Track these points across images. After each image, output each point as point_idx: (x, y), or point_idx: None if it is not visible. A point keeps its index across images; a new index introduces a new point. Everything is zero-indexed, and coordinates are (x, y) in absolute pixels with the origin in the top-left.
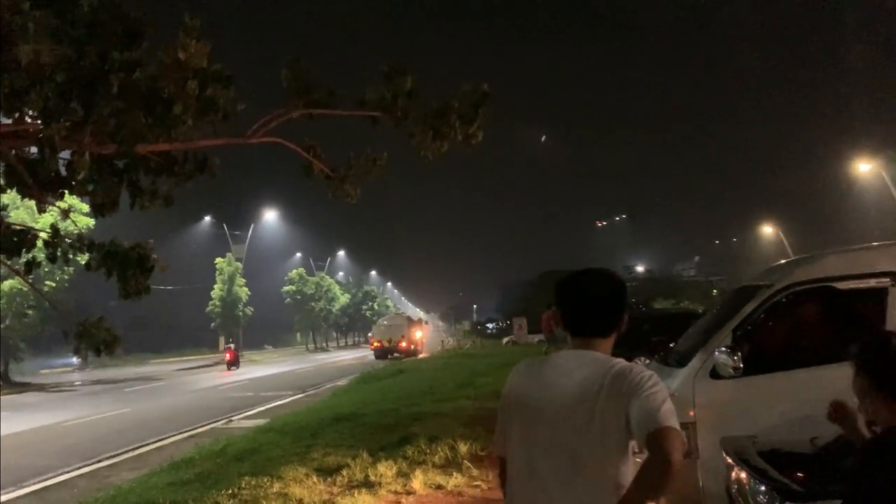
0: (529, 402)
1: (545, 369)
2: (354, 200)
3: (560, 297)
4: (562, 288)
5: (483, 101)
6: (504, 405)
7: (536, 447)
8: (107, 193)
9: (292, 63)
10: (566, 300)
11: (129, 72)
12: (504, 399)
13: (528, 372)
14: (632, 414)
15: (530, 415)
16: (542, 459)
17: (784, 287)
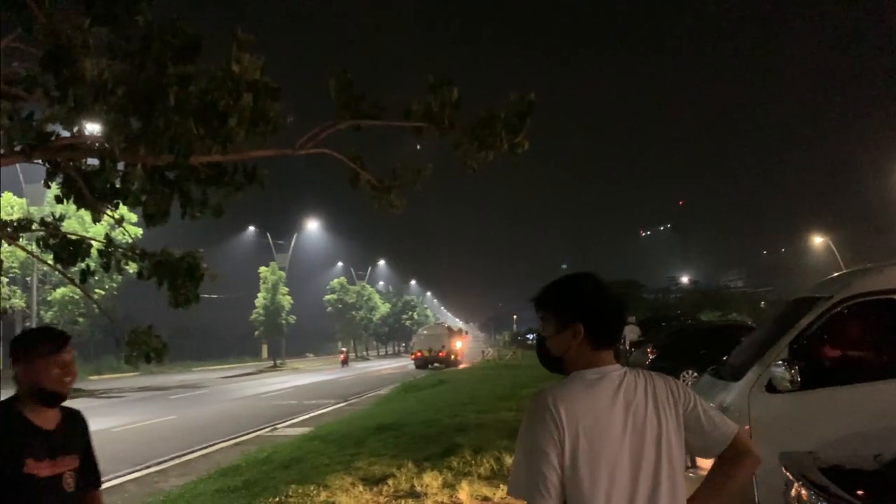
0: (605, 430)
1: (621, 389)
2: (400, 210)
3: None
4: (598, 297)
5: (529, 111)
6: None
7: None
8: (159, 204)
9: (340, 75)
10: (601, 311)
11: (184, 85)
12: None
13: (599, 394)
14: (703, 420)
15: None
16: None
17: (844, 299)
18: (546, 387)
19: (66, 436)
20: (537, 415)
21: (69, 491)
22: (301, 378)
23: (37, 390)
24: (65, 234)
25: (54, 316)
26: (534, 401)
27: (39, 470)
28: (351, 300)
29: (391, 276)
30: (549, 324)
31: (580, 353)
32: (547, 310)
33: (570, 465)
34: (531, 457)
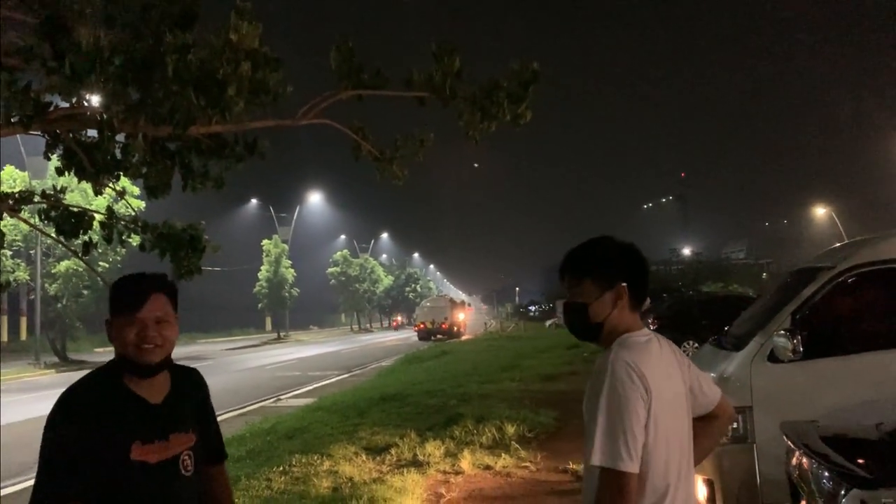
0: (670, 395)
1: (663, 352)
2: (402, 181)
3: (636, 265)
4: (636, 255)
5: (533, 80)
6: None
7: (679, 449)
8: (160, 176)
9: (340, 45)
10: (641, 269)
11: (182, 54)
12: (647, 395)
13: (659, 358)
14: (700, 382)
15: (673, 410)
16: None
17: (848, 269)
18: (616, 351)
19: (178, 407)
20: (624, 376)
21: (187, 474)
22: (305, 350)
23: (119, 359)
24: (66, 206)
25: (58, 289)
26: (614, 363)
27: (149, 455)
28: (354, 273)
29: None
30: (587, 288)
31: (621, 316)
32: (585, 274)
33: (651, 427)
34: (619, 419)
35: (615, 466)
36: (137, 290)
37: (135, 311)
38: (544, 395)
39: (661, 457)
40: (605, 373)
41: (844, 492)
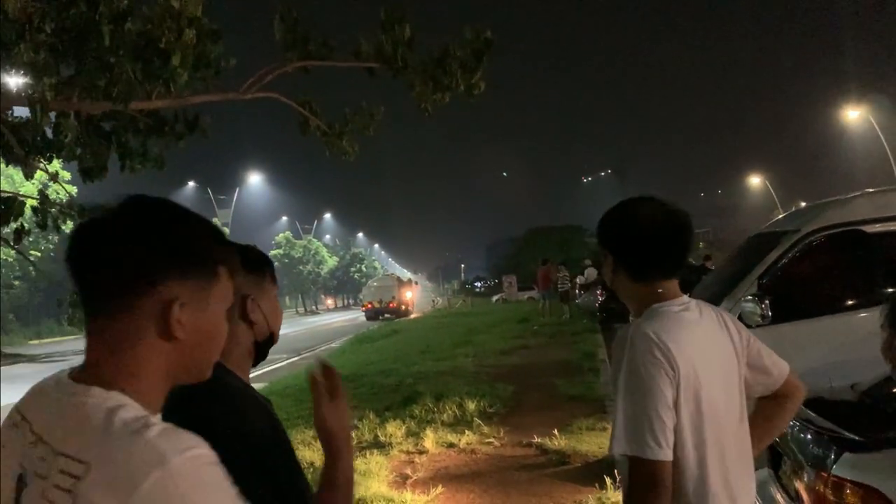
0: (710, 370)
1: (704, 322)
2: (352, 157)
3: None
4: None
5: (486, 49)
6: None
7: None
8: (95, 156)
9: (284, 14)
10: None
11: (119, 22)
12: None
13: (695, 328)
14: (763, 357)
15: (716, 388)
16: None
17: (811, 231)
18: (637, 321)
19: None
20: (644, 350)
21: None
22: None
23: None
24: None
25: None
26: (634, 336)
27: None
28: (297, 255)
29: (338, 230)
30: (608, 263)
31: (629, 289)
32: (604, 247)
33: (683, 407)
34: (642, 400)
35: (642, 455)
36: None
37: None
38: (500, 370)
39: (700, 442)
40: (625, 348)
41: (835, 456)
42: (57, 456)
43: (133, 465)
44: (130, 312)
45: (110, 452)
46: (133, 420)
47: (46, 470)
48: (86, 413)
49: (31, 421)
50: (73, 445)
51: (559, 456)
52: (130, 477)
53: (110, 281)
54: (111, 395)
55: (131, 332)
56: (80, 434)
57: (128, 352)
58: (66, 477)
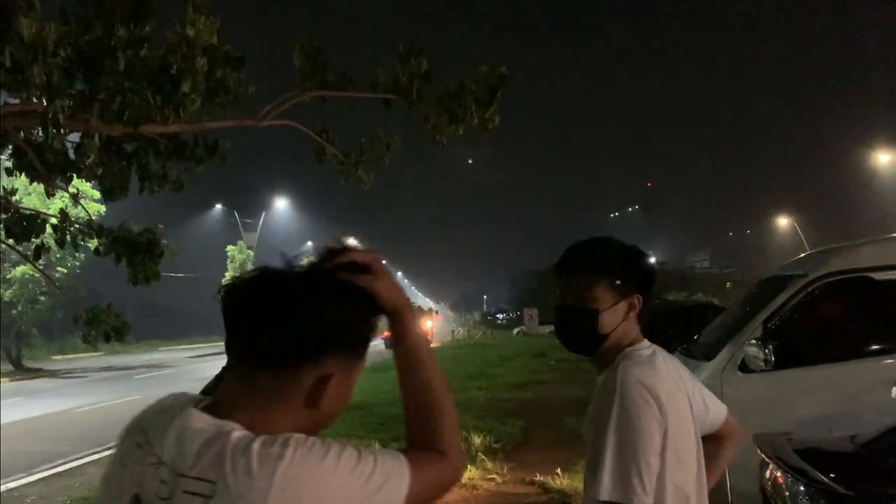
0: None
1: (668, 366)
2: (368, 186)
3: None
4: (649, 262)
5: (500, 84)
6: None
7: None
8: (116, 177)
9: (304, 44)
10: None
11: (135, 48)
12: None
13: (667, 373)
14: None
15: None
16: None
17: (818, 277)
18: (620, 367)
19: None
20: (637, 398)
21: None
22: None
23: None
24: (17, 208)
25: (14, 294)
26: (625, 383)
27: None
28: None
29: None
30: (602, 293)
31: (628, 329)
32: (601, 276)
33: (667, 453)
34: (633, 447)
35: (628, 502)
36: None
37: None
38: (511, 404)
39: (677, 484)
40: (615, 393)
41: None
42: (180, 478)
43: (258, 474)
44: (289, 377)
45: (235, 468)
46: (241, 438)
47: (168, 492)
48: (209, 439)
49: (153, 444)
50: (199, 468)
51: (560, 496)
52: (261, 483)
53: (286, 346)
54: (228, 423)
55: (282, 393)
56: (204, 457)
57: (270, 407)
58: (194, 497)
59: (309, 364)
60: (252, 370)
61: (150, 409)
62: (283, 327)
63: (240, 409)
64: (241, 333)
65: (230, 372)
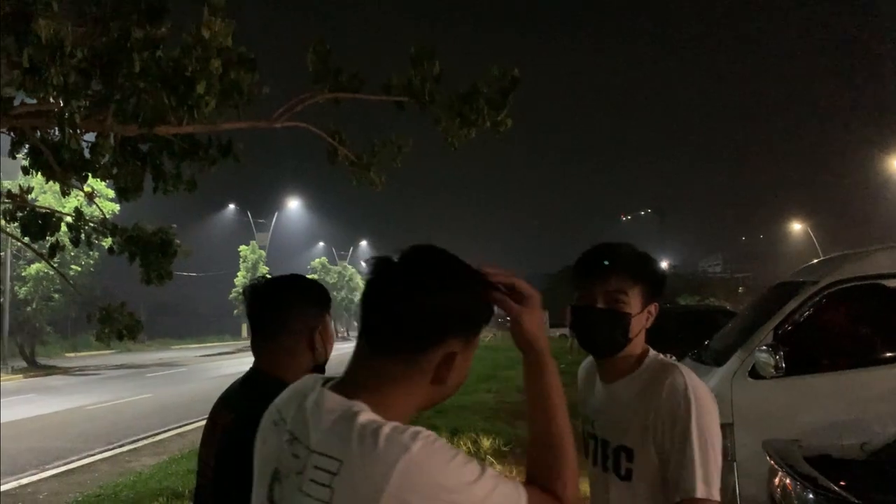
0: None
1: None
2: (380, 188)
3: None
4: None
5: (513, 87)
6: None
7: None
8: (130, 177)
9: (317, 46)
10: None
11: (151, 50)
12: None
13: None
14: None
15: None
16: None
17: (831, 284)
18: (679, 374)
19: None
20: (710, 403)
21: None
22: None
23: (322, 364)
24: (33, 206)
25: (28, 292)
26: (697, 389)
27: None
28: (332, 281)
29: None
30: (636, 297)
31: (643, 333)
32: (639, 280)
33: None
34: (713, 448)
35: (712, 497)
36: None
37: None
38: (521, 407)
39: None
40: (688, 399)
41: None
42: (311, 454)
43: (382, 458)
44: (416, 359)
45: (361, 449)
46: (370, 421)
47: (301, 466)
48: (338, 419)
49: (287, 421)
50: (327, 445)
51: None
52: (381, 468)
53: (411, 332)
54: (357, 403)
55: (408, 375)
56: (332, 435)
57: (396, 387)
58: (322, 473)
59: (434, 347)
60: (377, 355)
61: (287, 390)
62: (409, 317)
63: (366, 389)
64: (369, 321)
65: (357, 353)
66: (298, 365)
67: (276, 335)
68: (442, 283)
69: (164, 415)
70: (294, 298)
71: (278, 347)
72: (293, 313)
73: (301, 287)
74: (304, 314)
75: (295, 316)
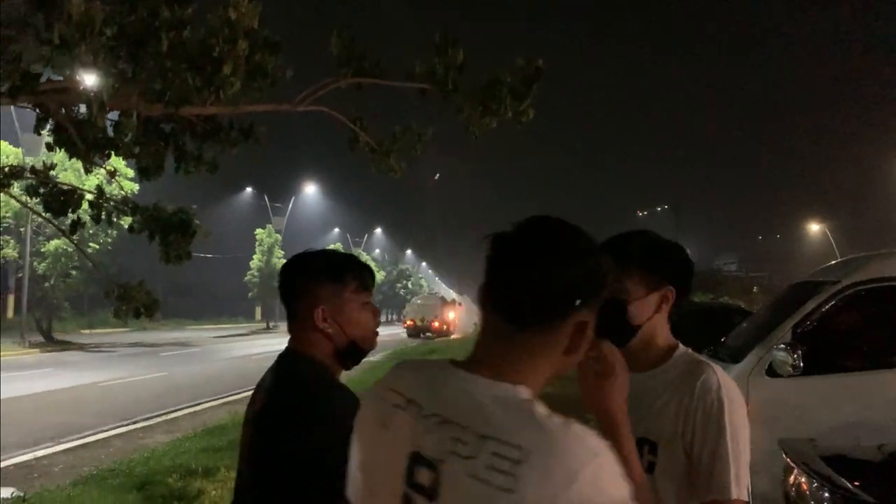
0: None
1: None
2: (399, 175)
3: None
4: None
5: (537, 78)
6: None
7: None
8: (153, 156)
9: (341, 31)
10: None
11: (178, 30)
12: None
13: None
14: None
15: None
16: None
17: (852, 284)
18: (711, 371)
19: None
20: (741, 402)
21: None
22: None
23: (344, 346)
24: (56, 183)
25: (47, 268)
26: (729, 388)
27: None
28: None
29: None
30: (630, 284)
31: (661, 324)
32: (632, 266)
33: None
34: (744, 447)
35: (742, 497)
36: (365, 268)
37: (370, 292)
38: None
39: None
40: (721, 399)
41: None
42: (484, 439)
43: (572, 455)
44: (553, 330)
45: (549, 441)
46: (550, 415)
47: (471, 451)
48: (507, 403)
49: (421, 404)
50: (507, 432)
51: None
52: (571, 465)
53: (550, 301)
54: (519, 389)
55: (546, 346)
56: (510, 422)
57: (538, 360)
58: (502, 459)
59: (570, 315)
60: (515, 329)
61: (396, 373)
62: (547, 286)
63: (502, 366)
64: (504, 295)
65: (489, 329)
66: (318, 342)
67: (294, 312)
68: (573, 250)
69: (177, 393)
70: (299, 273)
71: (298, 325)
72: (300, 288)
73: (308, 260)
74: (308, 289)
75: (302, 291)
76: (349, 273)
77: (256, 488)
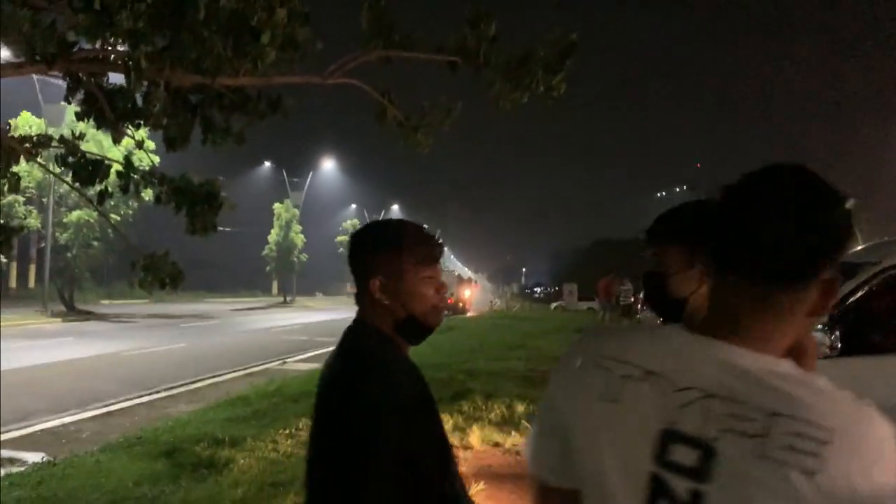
0: None
1: None
2: (426, 150)
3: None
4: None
5: (571, 52)
6: None
7: None
8: (180, 128)
9: (372, 2)
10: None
11: None
12: None
13: None
14: None
15: None
16: None
17: (893, 265)
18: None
19: None
20: None
21: None
22: (311, 315)
23: (402, 319)
24: (84, 152)
25: (69, 238)
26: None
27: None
28: None
29: None
30: (671, 258)
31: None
32: (667, 241)
33: None
34: None
35: None
36: (436, 239)
37: (437, 265)
38: None
39: None
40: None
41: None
42: (775, 416)
43: (876, 437)
44: (804, 287)
45: (854, 422)
46: (841, 391)
47: (759, 428)
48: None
49: (667, 376)
50: (803, 408)
51: None
52: (876, 447)
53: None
54: (782, 361)
55: (794, 307)
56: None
57: (784, 323)
58: (804, 440)
59: (822, 271)
60: (765, 289)
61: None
62: (807, 238)
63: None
64: (754, 251)
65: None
66: (379, 314)
67: (358, 283)
68: (826, 198)
69: (198, 364)
70: (359, 243)
71: (361, 295)
72: (359, 258)
73: (370, 230)
74: (366, 259)
75: (360, 261)
76: (407, 244)
77: (314, 451)
